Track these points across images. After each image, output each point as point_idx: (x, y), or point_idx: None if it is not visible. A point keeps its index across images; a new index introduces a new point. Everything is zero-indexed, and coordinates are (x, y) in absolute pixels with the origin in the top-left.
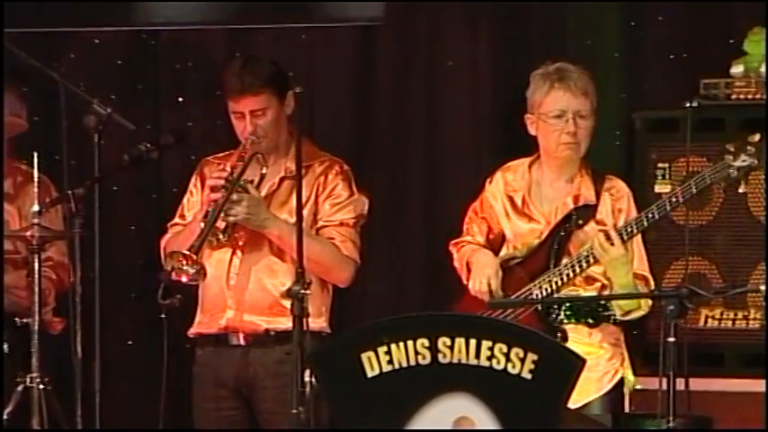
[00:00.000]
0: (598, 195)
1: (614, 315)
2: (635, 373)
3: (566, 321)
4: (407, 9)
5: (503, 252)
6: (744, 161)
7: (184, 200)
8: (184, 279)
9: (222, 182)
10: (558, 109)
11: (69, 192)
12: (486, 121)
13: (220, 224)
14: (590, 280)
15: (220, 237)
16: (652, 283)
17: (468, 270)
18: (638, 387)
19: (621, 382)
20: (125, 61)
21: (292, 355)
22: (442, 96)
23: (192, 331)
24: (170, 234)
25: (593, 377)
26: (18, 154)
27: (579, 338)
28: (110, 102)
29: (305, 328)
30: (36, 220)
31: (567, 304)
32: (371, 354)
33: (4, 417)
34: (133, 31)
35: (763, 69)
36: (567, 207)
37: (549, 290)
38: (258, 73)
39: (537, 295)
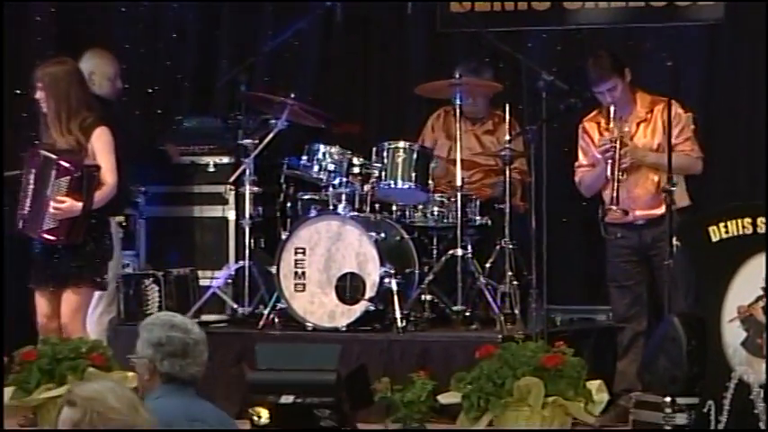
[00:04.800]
0: None
1: None
2: None
3: None
4: (742, 11)
5: None
6: None
7: (579, 150)
8: (610, 216)
9: (608, 144)
10: None
11: (526, 127)
12: None
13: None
14: None
15: (623, 176)
16: None
17: None
18: None
19: None
20: (563, 49)
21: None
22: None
23: (607, 220)
24: (579, 174)
25: None
26: (494, 104)
27: None
28: (550, 72)
29: (673, 210)
30: (507, 145)
31: None
32: (714, 226)
33: (487, 265)
34: (564, 30)
35: None
36: None
37: None
38: (603, 66)
39: None
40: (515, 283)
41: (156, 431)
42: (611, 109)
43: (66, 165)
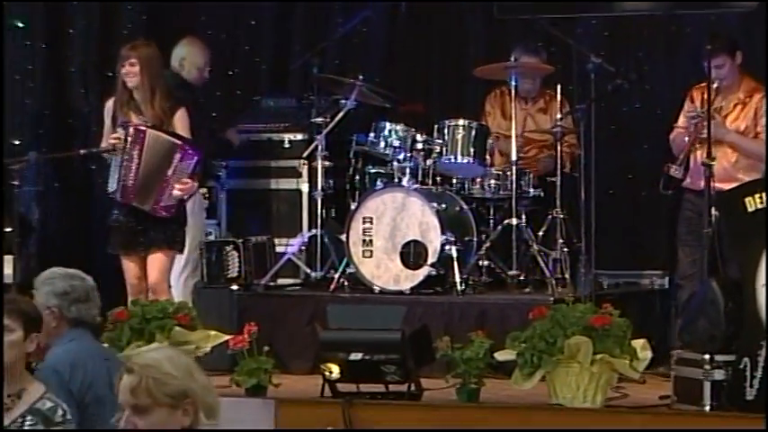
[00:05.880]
0: None
1: None
2: None
3: None
4: None
5: None
6: None
7: (682, 112)
8: (671, 171)
9: (694, 113)
10: None
11: (576, 106)
12: None
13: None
14: None
15: (698, 146)
16: None
17: None
18: None
19: None
20: (610, 34)
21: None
22: None
23: (684, 185)
24: (674, 132)
25: None
26: (545, 85)
27: None
28: (598, 55)
29: (712, 186)
30: (559, 123)
31: None
32: (750, 197)
33: (540, 234)
34: (611, 17)
35: None
36: None
37: None
38: (716, 43)
39: None
40: (566, 249)
41: None
42: (715, 84)
43: (192, 151)
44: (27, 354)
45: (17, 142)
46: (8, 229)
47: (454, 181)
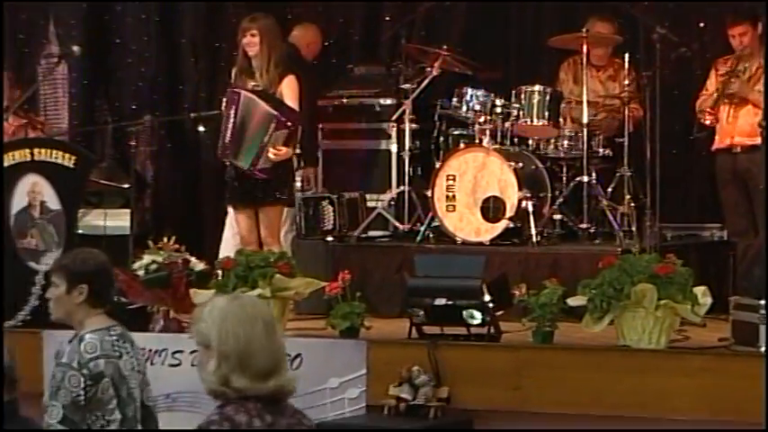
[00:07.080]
0: None
1: None
2: None
3: None
4: None
5: None
6: None
7: (708, 81)
8: (708, 121)
9: (724, 71)
10: None
11: (642, 73)
12: None
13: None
14: None
15: (725, 100)
16: None
17: None
18: None
19: None
20: (674, 7)
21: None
22: None
23: (713, 148)
24: (700, 98)
25: None
26: (614, 54)
27: None
28: (663, 26)
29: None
30: (626, 88)
31: None
32: None
33: (609, 190)
34: None
35: None
36: None
37: None
38: (739, 12)
39: None
40: (632, 204)
41: None
42: (738, 51)
43: (285, 120)
44: (77, 304)
45: (134, 106)
46: (125, 186)
47: (530, 142)
